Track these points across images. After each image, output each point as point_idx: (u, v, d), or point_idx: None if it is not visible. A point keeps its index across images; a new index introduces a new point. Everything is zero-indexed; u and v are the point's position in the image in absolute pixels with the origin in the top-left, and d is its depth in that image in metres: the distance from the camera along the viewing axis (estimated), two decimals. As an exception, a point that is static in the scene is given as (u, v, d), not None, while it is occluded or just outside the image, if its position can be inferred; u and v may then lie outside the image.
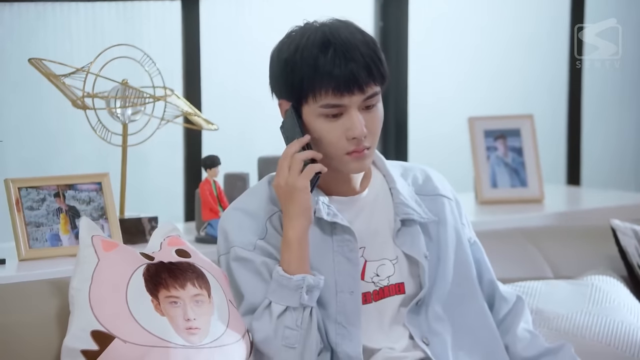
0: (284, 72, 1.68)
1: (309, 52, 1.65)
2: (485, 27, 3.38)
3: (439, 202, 1.79)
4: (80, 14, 2.67)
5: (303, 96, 1.67)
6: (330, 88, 1.65)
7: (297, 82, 1.66)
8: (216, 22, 2.85)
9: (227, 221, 1.73)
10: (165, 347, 1.61)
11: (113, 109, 2.15)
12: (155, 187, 2.79)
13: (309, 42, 1.66)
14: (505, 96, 3.40)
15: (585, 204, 2.88)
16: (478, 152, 2.73)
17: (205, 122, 2.27)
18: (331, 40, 1.66)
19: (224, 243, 1.72)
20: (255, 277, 1.69)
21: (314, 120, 1.67)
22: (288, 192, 1.66)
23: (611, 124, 3.67)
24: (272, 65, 1.72)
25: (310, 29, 1.69)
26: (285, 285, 1.65)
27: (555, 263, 2.23)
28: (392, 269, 1.74)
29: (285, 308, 1.65)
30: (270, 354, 1.65)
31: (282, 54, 1.69)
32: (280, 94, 1.72)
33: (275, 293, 1.66)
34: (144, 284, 1.65)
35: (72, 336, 1.61)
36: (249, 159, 2.52)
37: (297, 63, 1.66)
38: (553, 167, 3.47)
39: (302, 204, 1.66)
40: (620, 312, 2.04)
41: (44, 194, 2.03)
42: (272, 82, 1.73)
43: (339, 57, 1.64)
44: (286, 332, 1.64)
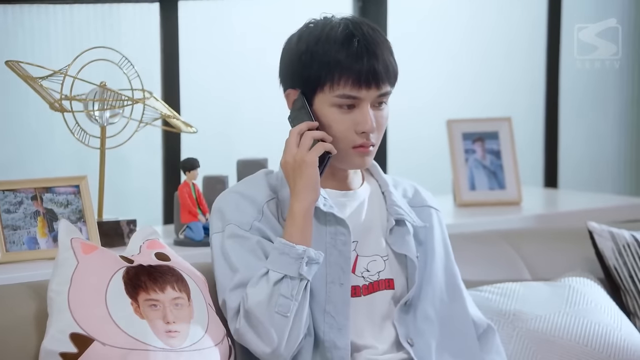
0: (302, 60, 1.69)
1: (332, 43, 1.68)
2: (463, 30, 3.40)
3: (427, 212, 1.82)
4: (58, 16, 2.66)
5: (319, 84, 1.69)
6: (350, 79, 1.68)
7: (316, 69, 1.68)
8: (195, 24, 2.84)
9: (224, 202, 1.73)
10: (145, 350, 1.61)
11: (91, 112, 2.15)
12: (134, 190, 2.78)
13: (332, 33, 1.69)
14: (483, 99, 3.42)
15: (562, 206, 2.90)
16: (456, 154, 2.74)
17: (184, 125, 2.26)
18: (355, 34, 1.69)
19: (220, 222, 1.72)
20: (249, 254, 1.69)
21: (326, 109, 1.70)
22: (297, 167, 1.67)
23: (588, 127, 3.70)
24: (287, 54, 1.73)
25: (331, 21, 1.72)
26: (287, 253, 1.65)
27: (533, 265, 2.24)
28: (383, 265, 1.75)
29: (283, 276, 1.64)
30: (261, 318, 1.64)
31: (300, 43, 1.71)
32: (291, 83, 1.73)
33: (274, 262, 1.66)
34: (123, 287, 1.65)
35: (51, 339, 1.61)
36: (228, 162, 2.52)
37: (317, 51, 1.68)
38: (531, 170, 3.49)
39: (311, 177, 1.67)
40: (597, 314, 2.06)
41: (21, 197, 2.02)
42: (284, 71, 1.74)
43: (363, 50, 1.68)
44: (280, 300, 1.64)
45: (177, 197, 2.22)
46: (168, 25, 2.75)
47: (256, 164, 2.36)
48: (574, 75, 3.57)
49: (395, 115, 2.38)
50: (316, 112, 1.71)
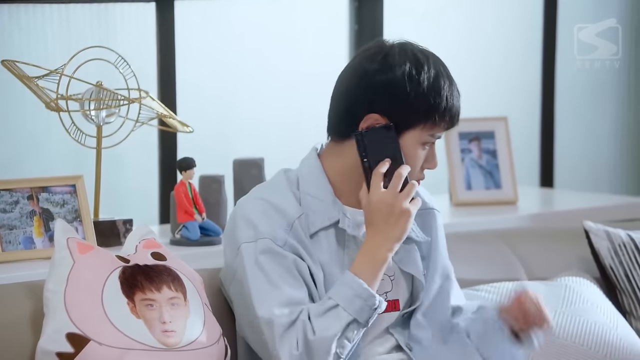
0: (410, 95, 1.65)
1: (443, 83, 1.68)
2: (460, 30, 3.40)
3: (430, 215, 1.80)
4: (54, 16, 2.66)
5: (420, 121, 1.66)
6: (448, 121, 1.69)
7: (424, 108, 1.66)
8: (191, 23, 2.84)
9: (252, 210, 1.67)
10: (141, 350, 1.61)
11: (87, 111, 2.14)
12: (130, 190, 2.78)
13: (441, 73, 1.69)
14: (480, 99, 3.42)
15: (558, 205, 2.91)
16: (452, 154, 2.74)
17: (180, 125, 2.26)
18: (449, 75, 1.71)
19: (251, 231, 1.66)
20: (288, 274, 1.64)
21: (413, 146, 1.68)
22: (396, 214, 1.63)
23: (584, 126, 3.71)
24: (391, 81, 1.66)
25: (428, 57, 1.70)
26: (364, 300, 1.62)
27: (529, 264, 2.24)
28: (390, 285, 1.74)
29: (353, 320, 1.62)
30: (323, 354, 1.60)
31: (413, 74, 1.66)
32: (381, 110, 1.66)
33: (348, 301, 1.62)
34: (119, 287, 1.65)
35: (47, 338, 1.60)
36: (224, 161, 2.52)
37: (436, 89, 1.67)
38: (527, 169, 3.49)
39: (406, 230, 1.65)
40: (593, 313, 2.06)
41: (17, 197, 2.02)
42: (380, 99, 1.67)
43: (457, 93, 1.71)
44: (344, 342, 1.61)
45: (173, 197, 2.22)
46: (164, 24, 2.75)
47: (253, 164, 2.36)
48: (570, 75, 3.57)
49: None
50: (401, 145, 1.67)
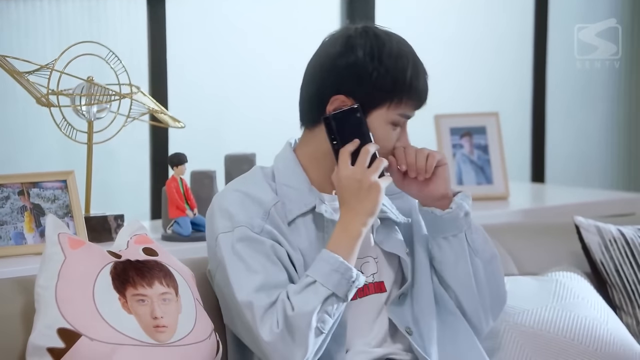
0: (376, 73, 1.68)
1: (407, 62, 1.70)
2: (451, 26, 3.41)
3: (407, 198, 1.81)
4: (45, 11, 2.65)
5: (386, 101, 1.69)
6: (415, 100, 1.70)
7: (388, 87, 1.68)
8: (183, 18, 2.84)
9: (229, 201, 1.69)
10: (133, 345, 1.61)
11: (78, 107, 2.14)
12: (122, 185, 2.78)
13: (403, 51, 1.71)
14: (471, 94, 3.43)
15: (549, 201, 2.91)
16: (444, 149, 2.75)
17: (172, 120, 2.26)
18: (415, 54, 1.72)
19: (227, 221, 1.68)
20: (266, 259, 1.66)
21: (382, 126, 1.70)
22: (365, 188, 1.66)
23: (575, 122, 3.72)
24: (353, 62, 1.68)
25: (391, 37, 1.72)
26: (341, 273, 1.63)
27: (520, 259, 2.25)
28: (375, 267, 1.75)
29: (332, 294, 1.63)
30: (304, 329, 1.61)
31: (375, 54, 1.68)
32: (345, 91, 1.69)
33: (325, 276, 1.63)
34: (111, 282, 1.65)
35: (38, 334, 1.60)
36: (216, 157, 2.52)
37: (398, 68, 1.68)
38: (518, 165, 3.50)
39: (377, 203, 1.66)
40: (584, 308, 2.07)
41: (7, 192, 2.01)
42: (343, 80, 1.69)
43: (423, 72, 1.73)
44: (324, 317, 1.62)
45: (164, 192, 2.21)
46: (156, 19, 2.74)
47: (244, 159, 2.36)
48: (561, 71, 3.58)
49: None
50: (369, 126, 1.69)
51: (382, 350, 1.73)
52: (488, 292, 1.78)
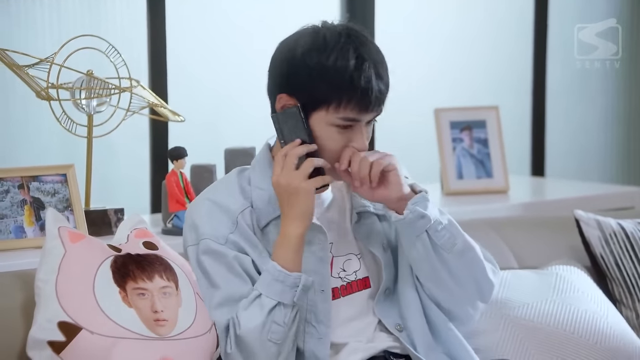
0: (309, 75, 1.63)
1: (345, 63, 1.62)
2: (452, 19, 3.40)
3: None
4: (44, 4, 2.64)
5: (324, 103, 1.63)
6: (358, 104, 1.63)
7: (324, 89, 1.62)
8: (183, 12, 2.83)
9: (197, 212, 1.70)
10: (133, 339, 1.61)
11: (78, 100, 2.14)
12: (121, 179, 2.77)
13: (344, 52, 1.63)
14: (471, 87, 3.43)
15: (549, 194, 2.91)
16: (444, 143, 2.74)
17: (172, 114, 2.26)
18: (365, 57, 1.63)
19: (194, 234, 1.70)
20: (228, 271, 1.67)
21: (324, 128, 1.65)
22: (293, 193, 1.63)
23: (575, 116, 3.72)
24: (291, 62, 1.65)
25: (339, 36, 1.65)
26: (282, 281, 1.63)
27: (520, 253, 2.25)
28: (358, 264, 1.74)
29: (277, 303, 1.63)
30: (254, 345, 1.63)
31: (311, 55, 1.63)
32: (288, 90, 1.66)
33: (268, 287, 1.64)
34: (111, 276, 1.65)
35: (39, 327, 1.60)
36: (215, 151, 2.51)
37: (330, 70, 1.62)
38: (518, 159, 3.50)
39: (308, 206, 1.64)
40: (584, 301, 2.07)
41: (7, 186, 2.01)
42: (284, 79, 1.66)
43: (372, 76, 1.63)
44: (273, 327, 1.62)
45: (164, 186, 2.21)
46: (155, 13, 2.74)
47: (244, 153, 2.36)
48: (561, 65, 3.58)
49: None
50: (311, 127, 1.66)
51: (378, 345, 1.73)
52: (468, 281, 1.75)
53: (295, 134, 1.66)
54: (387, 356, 1.72)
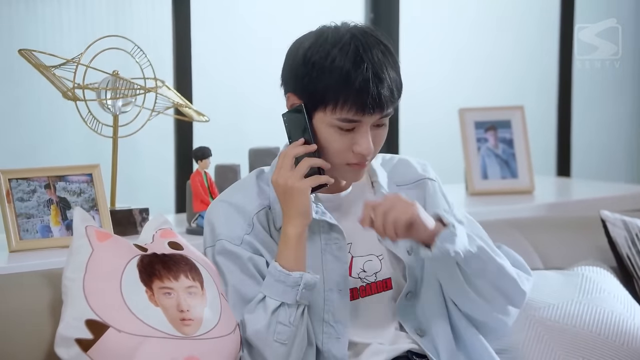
0: (308, 74, 1.64)
1: (341, 64, 1.62)
2: (476, 17, 3.39)
3: (423, 186, 1.79)
4: (70, 5, 2.66)
5: (322, 103, 1.64)
6: (355, 106, 1.62)
7: (322, 89, 1.63)
8: (207, 13, 2.84)
9: (214, 214, 1.72)
10: (159, 338, 1.61)
11: (103, 100, 2.15)
12: (146, 179, 2.79)
13: (343, 53, 1.62)
14: (496, 87, 3.41)
15: (575, 195, 2.89)
16: (468, 143, 2.73)
17: (196, 114, 2.26)
18: (364, 58, 1.62)
19: (211, 235, 1.72)
20: (242, 272, 1.68)
21: (325, 128, 1.65)
22: (288, 192, 1.64)
23: (601, 116, 3.69)
24: (294, 59, 1.67)
25: (342, 37, 1.64)
26: (283, 281, 1.64)
27: (545, 254, 2.24)
28: (379, 265, 1.74)
29: (280, 304, 1.64)
30: (260, 347, 1.65)
31: (311, 55, 1.64)
32: (293, 89, 1.68)
33: (270, 288, 1.65)
34: (138, 275, 1.65)
35: (66, 325, 1.61)
36: (240, 151, 2.52)
37: (326, 71, 1.62)
38: (543, 159, 3.48)
39: (303, 205, 1.64)
40: (610, 302, 2.05)
41: (34, 185, 2.03)
42: (289, 75, 1.68)
43: (371, 77, 1.62)
44: (279, 328, 1.63)
45: (189, 186, 2.22)
46: (180, 13, 2.75)
47: (268, 153, 2.36)
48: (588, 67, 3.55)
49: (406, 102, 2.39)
50: (314, 127, 1.66)
51: (401, 346, 1.72)
52: (498, 297, 1.74)
53: (299, 133, 1.67)
54: (410, 356, 1.72)
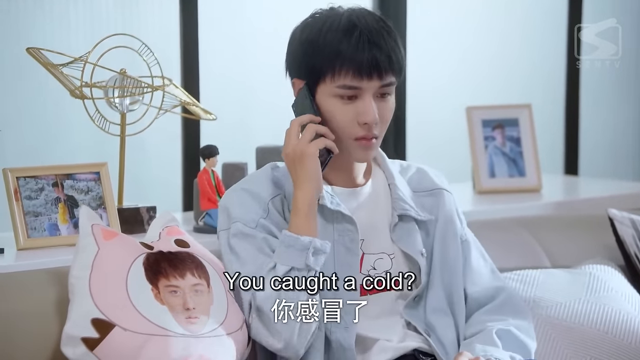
0: (304, 50, 1.69)
1: (334, 33, 1.67)
2: (483, 15, 3.38)
3: (438, 195, 1.81)
4: (78, 3, 2.66)
5: (321, 75, 1.68)
6: (351, 69, 1.66)
7: (318, 60, 1.67)
8: (214, 11, 2.84)
9: (229, 200, 1.74)
10: (165, 336, 1.62)
11: (111, 99, 2.15)
12: (154, 177, 2.79)
13: (335, 24, 1.68)
14: (503, 85, 3.40)
15: (583, 193, 2.89)
16: (476, 141, 2.73)
17: (204, 112, 2.26)
18: (357, 24, 1.67)
19: (226, 219, 1.73)
20: (257, 250, 1.69)
21: (328, 101, 1.69)
22: (297, 158, 1.67)
23: (609, 114, 3.68)
24: (292, 43, 1.73)
25: (336, 12, 1.71)
26: (292, 245, 1.65)
27: (553, 252, 2.23)
28: (390, 264, 1.75)
29: (290, 269, 1.64)
30: (269, 312, 1.64)
31: (304, 33, 1.70)
32: (296, 73, 1.73)
33: (281, 255, 1.66)
34: (144, 273, 1.66)
35: (73, 323, 1.62)
36: (247, 149, 2.52)
37: (319, 42, 1.67)
38: (551, 157, 3.47)
39: (312, 169, 1.67)
40: (618, 301, 2.05)
41: (42, 184, 2.03)
42: (290, 60, 1.74)
43: (364, 41, 1.66)
44: (288, 295, 1.63)
45: (196, 184, 2.22)
46: (188, 12, 2.75)
47: (275, 151, 2.36)
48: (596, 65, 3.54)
49: (414, 100, 2.41)
50: (319, 104, 1.70)
51: (409, 344, 1.73)
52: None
53: (304, 111, 1.71)
54: (417, 355, 1.72)
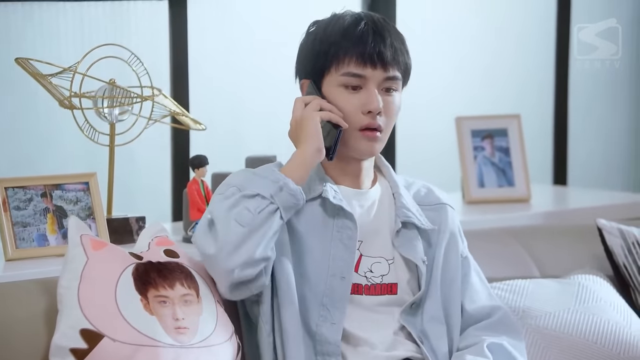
0: (310, 47, 1.74)
1: (340, 25, 1.72)
2: (473, 27, 3.40)
3: (442, 210, 1.82)
4: (67, 14, 2.66)
5: (327, 65, 1.72)
6: (354, 56, 1.70)
7: (323, 51, 1.72)
8: (204, 21, 2.84)
9: (234, 175, 1.75)
10: (154, 347, 1.61)
11: (100, 109, 2.15)
12: (143, 187, 2.79)
13: (341, 20, 1.73)
14: (492, 96, 3.41)
15: (571, 203, 2.90)
16: (465, 152, 2.74)
17: (193, 122, 2.26)
18: (364, 18, 1.73)
19: (223, 187, 1.74)
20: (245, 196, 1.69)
21: (333, 91, 1.73)
22: (300, 124, 1.71)
23: (598, 124, 3.70)
24: (300, 50, 1.78)
25: (342, 14, 1.76)
26: (266, 177, 1.68)
27: (542, 262, 2.24)
28: (387, 269, 1.75)
29: (256, 195, 1.65)
30: (219, 221, 1.64)
31: (314, 35, 1.75)
32: (303, 72, 1.76)
33: (255, 182, 1.68)
34: (133, 283, 1.65)
35: (61, 335, 1.61)
36: (237, 159, 2.52)
37: (325, 35, 1.72)
38: (540, 167, 3.48)
39: (313, 128, 1.69)
40: (607, 311, 2.05)
41: (30, 194, 2.03)
42: (299, 64, 1.78)
43: (369, 31, 1.72)
44: (243, 211, 1.64)
45: (186, 194, 2.22)
46: (177, 22, 2.75)
47: (265, 161, 2.35)
48: (582, 73, 3.56)
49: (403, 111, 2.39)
50: (325, 95, 1.73)
51: (399, 353, 1.73)
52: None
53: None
54: None
